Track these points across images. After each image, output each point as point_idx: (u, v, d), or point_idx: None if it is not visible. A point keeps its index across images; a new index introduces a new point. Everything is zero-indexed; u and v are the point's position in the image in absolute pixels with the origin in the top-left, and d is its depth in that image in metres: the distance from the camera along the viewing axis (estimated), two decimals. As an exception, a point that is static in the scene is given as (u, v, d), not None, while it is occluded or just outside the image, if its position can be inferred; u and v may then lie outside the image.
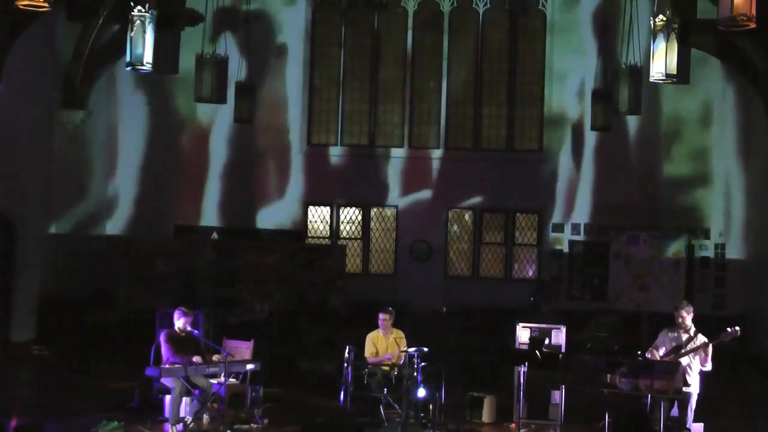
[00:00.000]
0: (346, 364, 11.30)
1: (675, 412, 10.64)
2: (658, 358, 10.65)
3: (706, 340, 10.65)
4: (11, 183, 15.69)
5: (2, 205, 15.47)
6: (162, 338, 10.97)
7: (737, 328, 10.51)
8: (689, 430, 10.55)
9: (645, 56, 13.27)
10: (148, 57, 10.93)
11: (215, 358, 10.95)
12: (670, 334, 10.91)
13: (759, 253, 18.63)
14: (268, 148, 20.02)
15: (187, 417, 10.78)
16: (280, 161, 20.03)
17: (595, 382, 10.47)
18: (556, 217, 19.72)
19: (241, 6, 19.12)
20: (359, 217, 20.17)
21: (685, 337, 10.77)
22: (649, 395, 10.31)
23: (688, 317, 10.81)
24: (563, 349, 11.92)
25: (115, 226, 19.64)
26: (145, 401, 11.69)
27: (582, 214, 19.68)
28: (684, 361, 10.57)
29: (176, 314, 11.06)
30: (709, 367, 10.69)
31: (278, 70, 19.99)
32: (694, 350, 10.62)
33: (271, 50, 19.96)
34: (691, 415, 10.53)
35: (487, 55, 20.09)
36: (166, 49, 16.42)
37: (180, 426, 10.62)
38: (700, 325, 10.93)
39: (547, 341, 11.93)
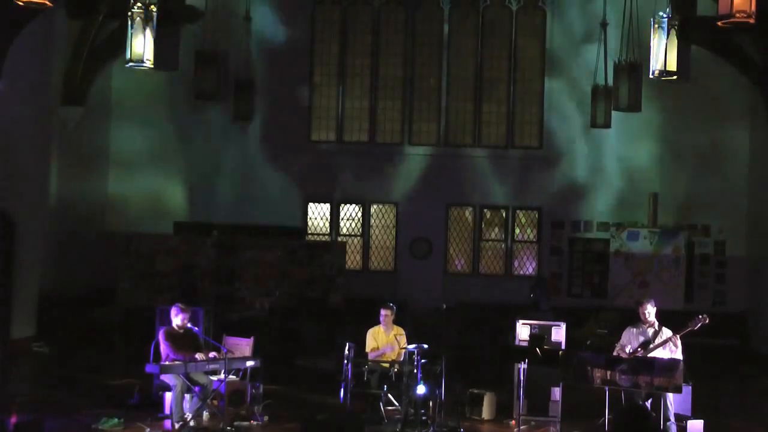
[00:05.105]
0: (346, 361, 11.29)
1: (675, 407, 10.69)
2: (626, 356, 10.72)
3: (671, 333, 10.81)
4: (11, 181, 15.67)
5: (2, 203, 15.44)
6: (161, 335, 10.95)
7: (705, 315, 10.71)
8: (676, 423, 10.58)
9: (645, 53, 13.24)
10: (148, 54, 10.91)
11: (210, 355, 10.94)
12: (635, 330, 11.09)
13: (759, 250, 18.63)
14: (266, 145, 20.01)
15: (188, 414, 10.77)
16: (279, 158, 20.02)
17: (594, 379, 10.49)
18: (556, 214, 19.73)
19: (241, 2, 19.11)
20: (359, 214, 20.16)
21: (651, 331, 10.96)
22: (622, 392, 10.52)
23: (652, 312, 11.03)
24: (563, 346, 11.93)
25: (115, 223, 19.62)
26: (145, 398, 11.69)
27: (582, 210, 19.69)
28: (654, 355, 10.67)
29: (173, 310, 11.05)
30: (679, 358, 10.72)
31: (278, 67, 19.97)
32: (663, 343, 10.76)
33: (272, 47, 19.95)
34: (671, 407, 10.54)
35: (487, 51, 20.09)
36: (165, 46, 16.39)
37: (180, 423, 10.60)
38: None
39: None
